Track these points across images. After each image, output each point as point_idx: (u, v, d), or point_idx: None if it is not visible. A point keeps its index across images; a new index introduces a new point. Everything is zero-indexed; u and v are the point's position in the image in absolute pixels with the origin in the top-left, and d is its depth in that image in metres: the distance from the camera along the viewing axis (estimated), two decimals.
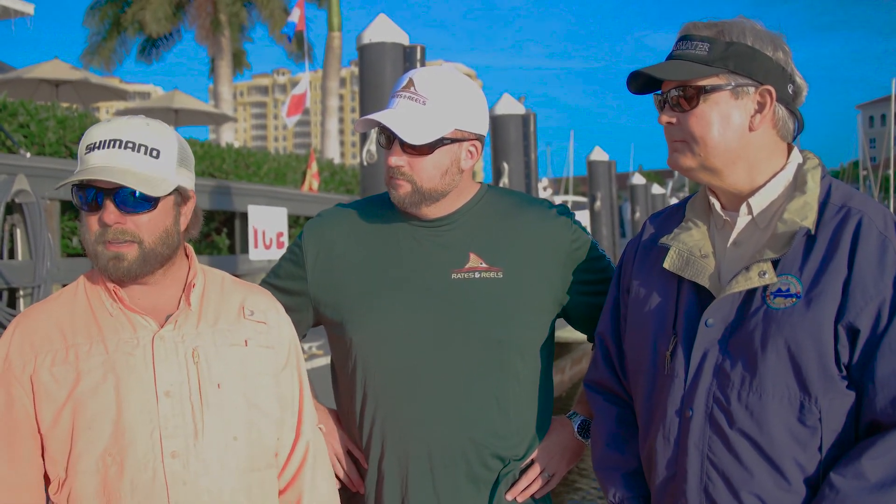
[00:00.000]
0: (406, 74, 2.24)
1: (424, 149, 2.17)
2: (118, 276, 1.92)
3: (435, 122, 2.17)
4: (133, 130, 1.93)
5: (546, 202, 2.41)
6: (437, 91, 2.18)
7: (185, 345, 1.95)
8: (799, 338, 1.77)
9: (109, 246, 1.89)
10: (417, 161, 2.19)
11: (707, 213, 2.05)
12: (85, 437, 1.85)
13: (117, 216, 1.88)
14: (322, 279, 2.33)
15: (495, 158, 12.24)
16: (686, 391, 1.90)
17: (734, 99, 1.90)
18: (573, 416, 2.38)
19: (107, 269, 1.91)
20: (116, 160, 1.89)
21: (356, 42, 7.75)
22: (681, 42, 1.95)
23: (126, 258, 1.90)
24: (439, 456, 2.20)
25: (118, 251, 1.90)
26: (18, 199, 6.54)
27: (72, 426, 1.86)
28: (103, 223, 1.88)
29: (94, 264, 1.95)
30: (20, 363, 1.90)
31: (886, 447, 1.71)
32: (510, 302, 2.23)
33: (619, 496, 2.05)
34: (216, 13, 24.85)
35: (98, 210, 1.89)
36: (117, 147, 1.89)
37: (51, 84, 15.82)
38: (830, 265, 1.79)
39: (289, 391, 2.13)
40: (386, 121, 2.15)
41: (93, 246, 1.91)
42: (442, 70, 2.25)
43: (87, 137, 1.93)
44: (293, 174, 13.25)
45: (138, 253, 1.91)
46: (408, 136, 2.14)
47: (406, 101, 2.18)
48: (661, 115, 1.98)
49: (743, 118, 1.91)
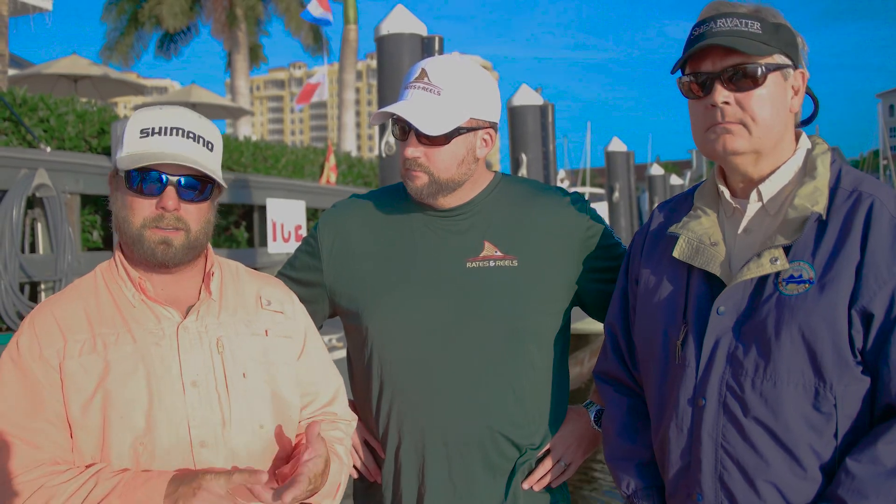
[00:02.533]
0: (418, 64, 2.24)
1: (441, 139, 2.17)
2: (163, 261, 1.93)
3: (450, 111, 2.17)
4: (191, 121, 1.96)
5: (560, 190, 2.41)
6: (451, 80, 2.18)
7: (208, 335, 1.96)
8: (813, 324, 1.76)
9: (157, 231, 1.91)
10: (434, 152, 2.19)
11: (716, 200, 2.03)
12: (119, 426, 1.85)
13: (176, 202, 1.91)
14: (337, 270, 2.33)
15: (513, 149, 12.22)
16: (699, 380, 1.89)
17: (783, 80, 1.88)
18: (589, 406, 2.38)
19: (153, 253, 1.92)
20: (183, 148, 1.92)
21: (374, 33, 7.76)
22: (722, 19, 1.87)
23: (174, 244, 1.92)
24: (455, 444, 2.21)
25: (167, 236, 1.91)
26: (39, 193, 6.59)
27: (103, 416, 1.85)
28: (162, 207, 1.90)
29: (135, 249, 1.93)
30: (52, 351, 1.89)
31: None
32: (525, 290, 2.23)
33: (632, 486, 2.05)
34: (232, 7, 24.91)
35: (153, 195, 1.91)
36: (181, 136, 1.92)
37: (69, 79, 15.91)
38: (843, 250, 1.78)
39: (308, 377, 2.14)
40: (402, 112, 2.15)
41: (138, 230, 1.91)
42: (454, 59, 2.25)
43: (142, 121, 1.94)
44: (311, 167, 13.28)
45: (185, 240, 1.94)
46: (425, 126, 2.14)
47: (420, 92, 2.18)
48: (714, 95, 1.87)
49: (788, 100, 1.90)
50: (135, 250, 1.94)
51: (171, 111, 1.96)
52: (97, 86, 16.66)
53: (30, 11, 13.83)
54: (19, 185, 6.40)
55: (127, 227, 1.93)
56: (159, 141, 1.91)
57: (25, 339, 1.91)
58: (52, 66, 15.67)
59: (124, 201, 1.94)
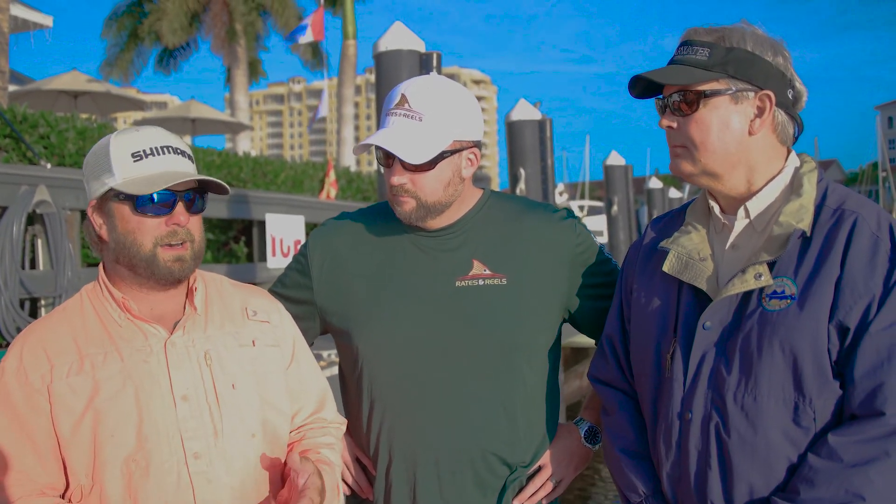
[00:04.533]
0: (397, 89, 2.23)
1: (425, 165, 2.17)
2: (179, 277, 1.99)
3: (433, 137, 2.16)
4: (173, 139, 2.03)
5: (549, 206, 2.41)
6: (432, 105, 2.16)
7: (196, 349, 2.00)
8: (794, 339, 1.79)
9: (168, 249, 1.95)
10: (420, 177, 2.18)
11: (707, 216, 2.07)
12: (109, 444, 1.88)
13: (187, 217, 1.98)
14: (328, 288, 2.34)
15: (512, 164, 12.23)
16: (685, 394, 1.93)
17: (734, 104, 1.92)
18: (580, 423, 2.39)
19: (171, 271, 1.96)
20: (181, 165, 1.98)
21: (372, 50, 7.79)
22: (682, 47, 1.97)
23: (186, 258, 1.98)
24: (447, 462, 2.22)
25: (179, 253, 1.97)
26: (39, 209, 6.61)
27: (93, 435, 1.88)
28: (175, 224, 1.95)
29: (150, 269, 1.95)
30: (37, 374, 1.91)
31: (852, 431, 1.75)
32: (515, 308, 2.24)
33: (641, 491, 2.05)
34: (232, 23, 25.01)
35: (162, 214, 1.95)
36: (172, 153, 1.99)
37: (69, 95, 15.96)
38: (824, 266, 1.81)
39: (298, 384, 2.18)
40: (384, 143, 2.14)
41: (150, 250, 1.95)
42: (433, 80, 2.23)
43: (128, 145, 1.97)
44: (310, 182, 13.30)
45: (192, 252, 2.00)
46: (409, 156, 2.13)
47: (402, 119, 2.17)
48: (661, 120, 2.00)
49: (743, 123, 1.92)
50: (146, 271, 1.96)
51: (153, 132, 2.01)
52: (97, 101, 16.70)
53: (30, 28, 13.92)
54: (20, 201, 6.41)
55: (136, 250, 1.95)
56: (158, 161, 1.96)
57: (11, 364, 1.94)
58: (53, 82, 15.72)
59: (129, 224, 1.96)
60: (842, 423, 1.79)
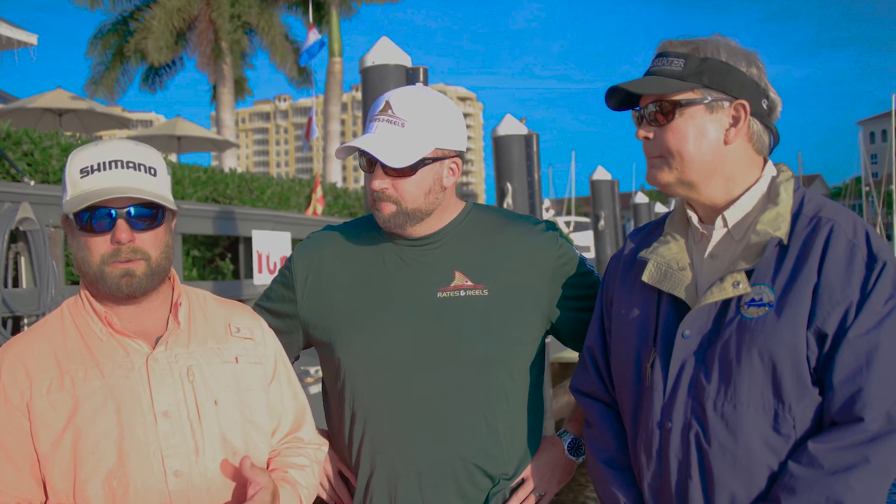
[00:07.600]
0: (382, 97, 2.26)
1: (407, 170, 2.19)
2: (129, 293, 1.93)
3: (415, 143, 2.19)
4: (128, 151, 1.96)
5: (531, 218, 2.42)
6: (415, 112, 2.20)
7: (178, 364, 1.98)
8: (772, 346, 1.80)
9: (117, 264, 1.91)
10: (400, 183, 2.21)
11: (685, 226, 2.08)
12: (90, 462, 1.86)
13: (129, 234, 1.91)
14: (311, 301, 2.35)
15: (498, 179, 12.26)
16: (665, 403, 1.93)
17: (709, 113, 1.93)
18: (563, 435, 2.38)
19: (118, 287, 1.92)
20: (125, 180, 1.91)
21: (359, 65, 7.82)
22: (657, 58, 1.99)
23: (136, 274, 1.92)
24: (429, 475, 2.21)
25: (127, 268, 1.92)
26: (23, 226, 6.58)
27: (73, 452, 1.86)
28: (116, 242, 1.90)
29: (99, 286, 1.94)
30: (16, 391, 1.89)
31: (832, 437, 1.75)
32: (496, 319, 2.24)
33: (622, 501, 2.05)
34: (217, 41, 25.01)
35: (105, 231, 1.91)
36: (120, 167, 1.92)
37: (54, 113, 15.91)
38: (801, 273, 1.82)
39: (279, 401, 2.16)
40: (367, 147, 2.17)
41: (98, 267, 1.92)
42: (418, 90, 2.27)
43: (79, 161, 1.94)
44: (296, 198, 13.29)
45: (146, 268, 1.94)
46: (389, 160, 2.16)
47: (385, 125, 2.20)
48: (638, 131, 2.02)
49: (718, 132, 1.94)
50: (100, 287, 1.95)
51: (107, 145, 1.96)
52: (82, 119, 16.66)
53: (14, 46, 13.88)
54: (3, 218, 6.38)
55: (87, 267, 1.94)
56: (100, 177, 1.91)
57: None
58: (37, 100, 15.68)
59: (79, 243, 1.95)
60: (821, 430, 1.80)
